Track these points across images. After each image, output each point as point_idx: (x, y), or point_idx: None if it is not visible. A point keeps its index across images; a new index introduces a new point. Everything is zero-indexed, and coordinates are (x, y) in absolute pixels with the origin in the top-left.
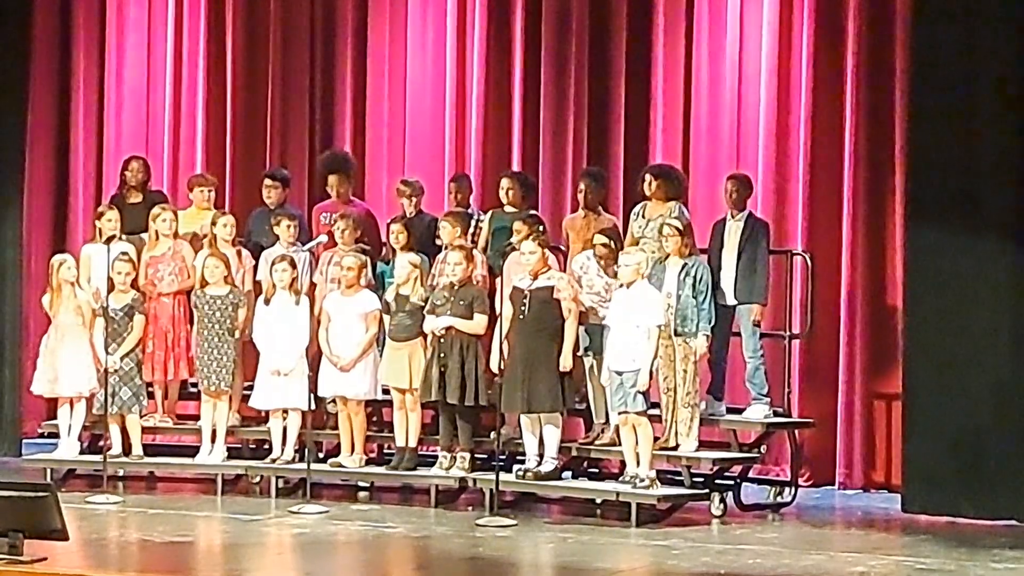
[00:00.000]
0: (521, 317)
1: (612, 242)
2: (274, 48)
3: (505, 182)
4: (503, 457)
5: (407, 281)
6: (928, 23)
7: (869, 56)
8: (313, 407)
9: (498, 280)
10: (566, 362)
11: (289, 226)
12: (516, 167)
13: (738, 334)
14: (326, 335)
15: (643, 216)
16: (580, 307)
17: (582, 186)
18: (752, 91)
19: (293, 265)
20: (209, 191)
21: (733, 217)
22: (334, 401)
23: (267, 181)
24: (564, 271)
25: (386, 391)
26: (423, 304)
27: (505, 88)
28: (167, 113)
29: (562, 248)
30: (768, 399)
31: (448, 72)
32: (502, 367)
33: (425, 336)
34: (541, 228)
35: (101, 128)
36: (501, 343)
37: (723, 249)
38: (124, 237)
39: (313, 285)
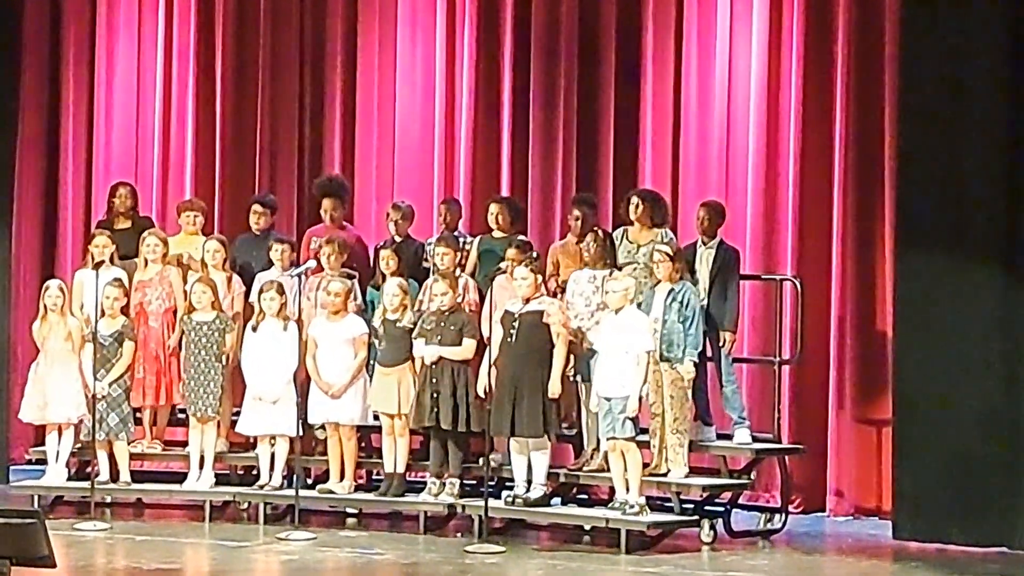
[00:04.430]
0: (510, 340)
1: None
2: (263, 73)
3: (494, 207)
4: (492, 483)
5: (397, 307)
6: (917, 51)
7: (858, 82)
8: (301, 433)
9: (485, 305)
10: (554, 387)
11: (283, 251)
12: (505, 192)
13: (711, 359)
14: (314, 361)
15: (628, 240)
16: (570, 333)
17: (577, 212)
18: (741, 117)
19: (281, 292)
20: (196, 216)
21: (704, 244)
22: (322, 427)
23: (255, 207)
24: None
25: (375, 416)
26: (412, 328)
27: (494, 113)
28: (156, 138)
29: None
30: (747, 421)
31: (437, 96)
32: (489, 391)
33: (414, 361)
34: (535, 255)
35: (90, 154)
36: (490, 368)
37: (694, 276)
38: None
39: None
